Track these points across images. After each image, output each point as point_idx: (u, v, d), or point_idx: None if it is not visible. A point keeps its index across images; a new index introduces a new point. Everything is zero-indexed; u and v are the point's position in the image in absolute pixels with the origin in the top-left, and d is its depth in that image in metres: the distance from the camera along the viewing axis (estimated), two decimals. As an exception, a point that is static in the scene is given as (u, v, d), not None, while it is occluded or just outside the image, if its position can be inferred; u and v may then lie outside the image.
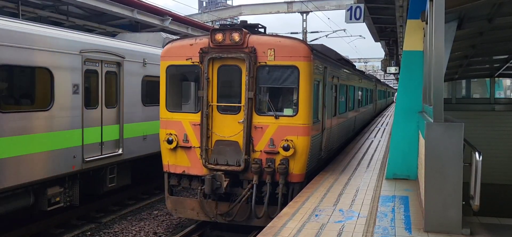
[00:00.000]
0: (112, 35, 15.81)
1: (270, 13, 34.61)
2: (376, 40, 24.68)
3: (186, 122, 9.60)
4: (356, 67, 24.20)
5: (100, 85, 10.91)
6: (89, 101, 10.58)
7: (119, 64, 11.55)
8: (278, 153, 9.05)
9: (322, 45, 14.20)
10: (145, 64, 12.54)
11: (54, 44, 9.48)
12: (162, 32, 15.09)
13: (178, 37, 13.96)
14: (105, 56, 11.04)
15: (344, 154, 13.80)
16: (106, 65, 11.11)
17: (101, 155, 10.91)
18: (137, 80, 12.28)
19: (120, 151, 11.52)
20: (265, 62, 9.12)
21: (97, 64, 10.81)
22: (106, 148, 11.07)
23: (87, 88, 10.48)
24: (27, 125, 8.81)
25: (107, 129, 11.10)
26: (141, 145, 12.45)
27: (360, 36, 39.46)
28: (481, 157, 5.71)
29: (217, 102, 9.41)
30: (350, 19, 14.90)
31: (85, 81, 10.31)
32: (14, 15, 13.06)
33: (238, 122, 9.23)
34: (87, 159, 10.35)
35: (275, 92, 9.61)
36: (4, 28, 8.40)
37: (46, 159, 9.28)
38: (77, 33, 10.69)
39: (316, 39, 38.60)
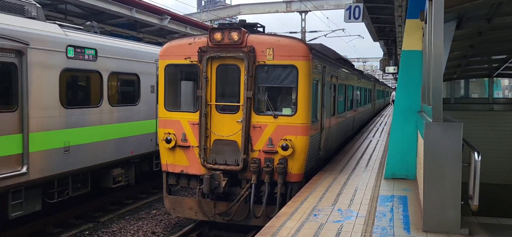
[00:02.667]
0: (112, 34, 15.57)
1: (269, 12, 34.62)
2: (375, 40, 24.71)
3: (185, 121, 9.58)
4: (355, 66, 24.21)
5: None
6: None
7: None
8: (277, 152, 9.04)
9: (321, 44, 14.19)
10: None
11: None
12: None
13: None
14: None
15: (342, 153, 13.79)
16: None
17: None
18: None
19: None
20: (264, 62, 9.11)
21: None
22: None
23: None
24: None
25: None
26: None
27: (359, 35, 39.53)
28: (480, 157, 5.71)
29: (216, 102, 9.39)
30: (349, 18, 14.89)
31: None
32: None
33: (237, 121, 9.21)
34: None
35: (273, 91, 9.60)
36: None
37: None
38: None
39: (315, 38, 38.57)
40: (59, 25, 10.14)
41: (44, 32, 9.33)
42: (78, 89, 11.00)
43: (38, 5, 10.02)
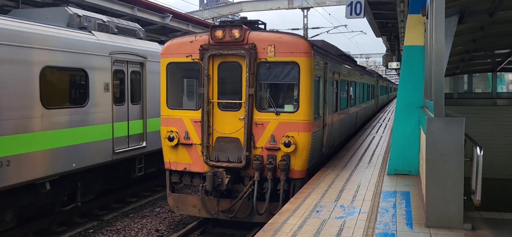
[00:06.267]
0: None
1: (271, 9, 34.49)
2: (377, 36, 24.65)
3: (187, 119, 9.60)
4: (358, 63, 24.17)
5: None
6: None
7: None
8: (279, 149, 9.04)
9: (322, 41, 14.16)
10: None
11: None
12: None
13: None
14: None
15: (345, 149, 13.78)
16: None
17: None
18: None
19: None
20: (266, 59, 9.11)
21: None
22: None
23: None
24: None
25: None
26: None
27: (361, 31, 39.40)
28: (482, 152, 5.70)
29: (218, 99, 9.40)
30: (350, 14, 14.84)
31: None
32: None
33: (239, 119, 9.22)
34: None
35: (275, 88, 9.61)
36: None
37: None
38: None
39: (317, 35, 38.67)
40: None
41: None
42: None
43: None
